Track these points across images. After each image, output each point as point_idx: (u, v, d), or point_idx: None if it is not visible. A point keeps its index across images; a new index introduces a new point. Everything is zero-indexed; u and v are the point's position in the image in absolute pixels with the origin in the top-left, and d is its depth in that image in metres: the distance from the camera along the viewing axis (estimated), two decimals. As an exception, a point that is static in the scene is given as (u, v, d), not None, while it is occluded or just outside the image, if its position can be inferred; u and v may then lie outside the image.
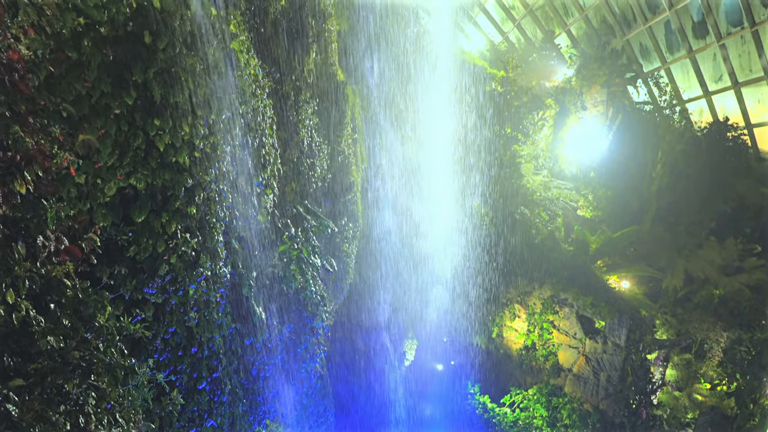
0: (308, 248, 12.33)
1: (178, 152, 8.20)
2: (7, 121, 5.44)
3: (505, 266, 21.38)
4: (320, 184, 14.25)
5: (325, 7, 12.83)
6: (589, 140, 25.69)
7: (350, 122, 15.21)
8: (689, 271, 21.56)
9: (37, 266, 6.28)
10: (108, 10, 7.24)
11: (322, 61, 13.51)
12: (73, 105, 7.00)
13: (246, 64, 9.77)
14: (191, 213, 8.71)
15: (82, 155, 7.30)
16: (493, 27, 30.47)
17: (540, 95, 25.18)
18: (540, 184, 24.04)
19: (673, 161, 23.17)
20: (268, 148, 10.82)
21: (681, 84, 23.70)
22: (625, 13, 23.50)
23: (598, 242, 22.35)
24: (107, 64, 7.30)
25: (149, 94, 7.71)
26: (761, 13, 17.91)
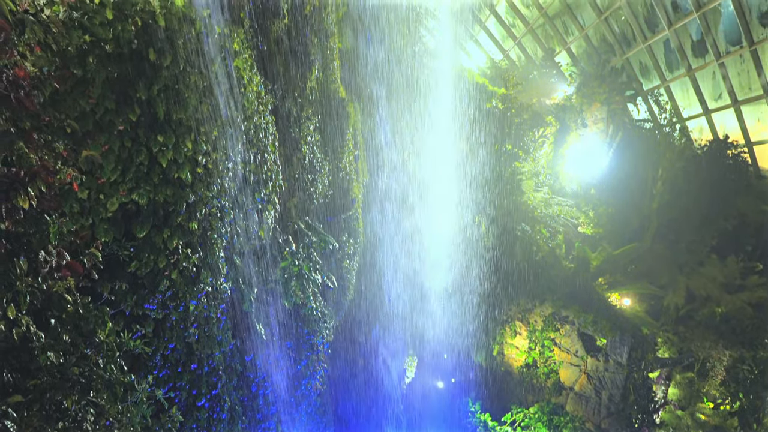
0: (309, 264, 12.33)
1: (181, 168, 8.24)
2: (12, 137, 5.49)
3: (506, 283, 21.33)
4: (321, 201, 14.28)
5: (327, 26, 12.97)
6: (589, 157, 25.77)
7: (351, 139, 15.29)
8: (691, 288, 21.50)
9: (38, 281, 6.29)
10: (113, 28, 7.33)
11: (325, 78, 13.63)
12: (78, 121, 7.06)
13: (249, 81, 9.86)
14: (193, 229, 8.73)
15: (85, 171, 7.35)
16: (494, 45, 30.73)
17: (540, 112, 25.32)
18: (541, 201, 24.07)
19: (674, 178, 23.22)
20: (270, 165, 10.86)
21: (681, 102, 23.84)
22: (624, 32, 23.71)
23: (599, 259, 22.32)
24: (112, 80, 7.37)
25: (153, 110, 7.77)
26: (759, 32, 18.07)
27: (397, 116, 18.37)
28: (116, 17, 7.39)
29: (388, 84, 17.32)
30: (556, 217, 23.51)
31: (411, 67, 18.40)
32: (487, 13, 29.13)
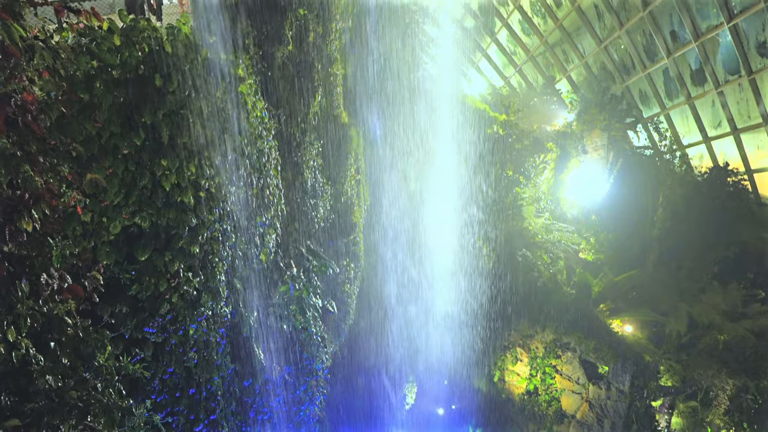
0: (309, 289, 12.31)
1: (184, 192, 8.29)
2: (19, 160, 5.54)
3: (507, 309, 21.23)
4: (323, 225, 14.32)
5: (331, 52, 13.16)
6: (590, 183, 25.87)
7: (353, 163, 15.39)
8: (693, 316, 21.37)
9: (39, 304, 6.29)
10: (121, 54, 7.46)
11: (327, 103, 13.78)
12: (83, 145, 7.14)
13: (253, 106, 9.97)
14: (194, 252, 8.75)
15: (89, 194, 7.40)
16: (495, 71, 31.09)
17: (541, 138, 25.48)
18: (542, 227, 24.09)
19: (674, 205, 23.27)
20: (272, 189, 10.93)
21: (680, 129, 24.01)
22: (624, 61, 24.00)
23: (600, 285, 22.25)
24: (118, 105, 7.47)
25: (157, 135, 7.86)
26: (757, 62, 18.29)
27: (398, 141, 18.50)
28: (124, 43, 7.52)
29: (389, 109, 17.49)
30: (557, 242, 23.50)
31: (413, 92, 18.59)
32: (489, 41, 29.53)
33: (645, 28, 21.45)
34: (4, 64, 5.36)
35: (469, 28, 29.80)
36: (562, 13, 24.17)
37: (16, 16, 5.68)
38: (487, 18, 28.39)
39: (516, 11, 26.16)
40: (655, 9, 20.24)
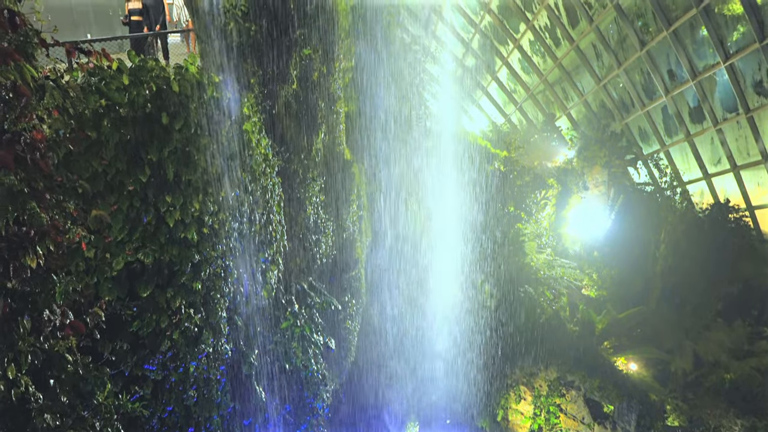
0: (311, 326, 12.23)
1: (187, 228, 8.34)
2: (26, 197, 5.60)
3: (510, 346, 21.02)
4: (325, 261, 14.31)
5: (334, 91, 13.39)
6: (591, 220, 25.92)
7: (356, 200, 15.48)
8: (698, 353, 21.11)
9: (40, 341, 6.26)
10: (129, 93, 7.60)
11: (331, 140, 13.94)
12: (89, 181, 7.21)
13: (257, 144, 10.10)
14: (196, 288, 8.74)
15: (93, 230, 7.43)
16: (496, 109, 31.50)
17: (542, 175, 25.66)
18: (544, 263, 24.03)
19: (676, 242, 23.23)
20: (275, 225, 10.97)
21: (680, 166, 24.17)
22: (623, 99, 24.34)
23: (603, 322, 22.06)
24: (124, 142, 7.58)
25: (163, 171, 7.94)
26: (755, 100, 18.54)
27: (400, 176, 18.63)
28: (132, 83, 7.68)
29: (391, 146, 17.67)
30: (559, 279, 23.41)
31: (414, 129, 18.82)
32: (489, 79, 30.01)
33: (643, 67, 21.82)
34: (15, 103, 5.47)
35: (470, 66, 30.34)
36: (560, 52, 24.64)
37: (29, 57, 5.82)
38: (487, 57, 28.92)
39: (516, 50, 26.67)
40: (652, 49, 20.63)
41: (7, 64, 5.22)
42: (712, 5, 17.45)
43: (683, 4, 18.31)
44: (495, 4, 25.42)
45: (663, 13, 19.06)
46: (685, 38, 19.33)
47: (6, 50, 5.17)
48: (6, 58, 5.16)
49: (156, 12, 17.17)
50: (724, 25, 17.89)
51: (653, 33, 20.21)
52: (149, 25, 17.19)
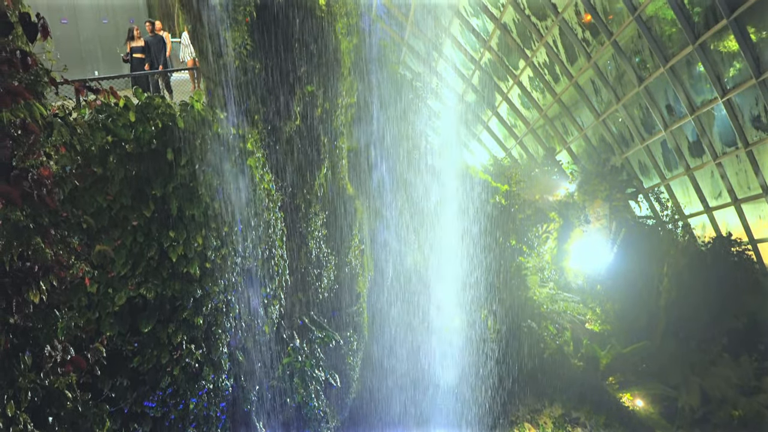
0: (312, 361, 12.12)
1: (190, 263, 8.35)
2: (31, 232, 5.64)
3: (513, 382, 20.73)
4: (326, 295, 14.26)
5: (337, 127, 13.57)
6: (593, 253, 25.87)
7: (358, 234, 15.51)
8: (705, 389, 20.81)
9: (40, 377, 6.21)
10: (135, 129, 7.72)
11: (333, 176, 14.06)
12: (94, 217, 7.27)
13: (260, 179, 10.20)
14: (198, 324, 8.70)
15: (97, 265, 7.45)
16: (496, 143, 31.79)
17: (543, 208, 25.73)
18: (546, 297, 23.89)
19: (679, 275, 23.14)
20: (277, 260, 10.98)
21: (682, 199, 24.25)
22: (622, 133, 24.59)
23: (608, 358, 21.81)
24: (129, 178, 7.67)
25: (167, 207, 8.00)
26: (753, 134, 18.72)
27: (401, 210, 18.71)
28: (138, 119, 7.81)
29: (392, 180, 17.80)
30: (562, 313, 23.24)
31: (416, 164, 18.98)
32: (490, 114, 30.39)
33: (641, 102, 22.11)
34: (24, 140, 5.56)
35: (471, 101, 30.76)
36: (560, 88, 25.00)
37: (39, 96, 5.94)
38: (487, 92, 29.35)
39: (515, 86, 27.08)
40: (650, 84, 20.94)
41: (17, 102, 5.33)
42: (707, 42, 17.78)
43: (679, 41, 18.66)
44: (494, 41, 25.92)
45: (660, 50, 19.42)
46: (683, 74, 19.65)
47: (17, 89, 5.28)
48: (17, 96, 5.27)
49: (157, 50, 17.54)
50: (720, 61, 18.20)
51: (651, 69, 20.55)
52: (151, 63, 17.55)
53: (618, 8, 20.07)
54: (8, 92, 5.22)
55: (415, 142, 18.89)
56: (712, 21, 17.14)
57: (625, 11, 19.43)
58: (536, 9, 23.02)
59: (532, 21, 23.43)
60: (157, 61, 17.52)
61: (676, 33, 18.80)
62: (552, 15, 22.16)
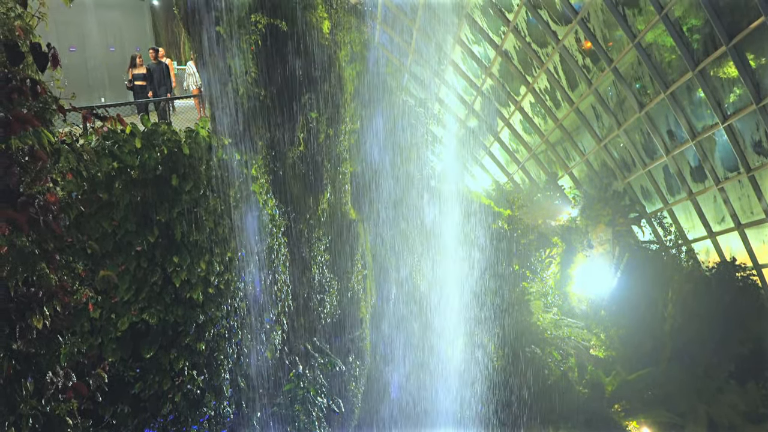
0: (315, 387, 12.01)
1: (193, 288, 8.36)
2: (36, 258, 5.67)
3: (517, 409, 20.47)
4: (329, 320, 14.21)
5: (340, 152, 13.69)
6: (597, 278, 25.77)
7: (360, 259, 15.51)
8: (712, 417, 20.51)
9: (42, 404, 6.18)
10: (141, 156, 7.81)
11: (336, 200, 14.13)
12: (99, 242, 7.30)
13: (264, 204, 10.25)
14: (200, 349, 8.67)
15: (100, 290, 7.46)
16: (499, 168, 31.94)
17: (546, 233, 25.72)
18: (550, 322, 23.73)
19: (684, 301, 22.99)
20: (280, 285, 10.98)
21: (685, 224, 24.22)
22: (624, 158, 24.69)
23: (613, 384, 21.56)
24: (134, 204, 7.72)
25: (171, 232, 8.04)
26: (755, 159, 18.77)
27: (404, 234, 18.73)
28: (144, 146, 7.90)
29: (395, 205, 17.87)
30: (566, 339, 23.05)
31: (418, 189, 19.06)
32: (492, 139, 30.58)
33: (642, 128, 22.25)
34: (31, 167, 5.62)
35: (473, 127, 30.99)
36: (561, 113, 25.20)
37: (47, 123, 6.03)
38: (489, 118, 29.60)
39: (517, 112, 27.31)
40: (651, 110, 21.10)
41: (26, 129, 5.41)
42: (707, 69, 17.97)
43: (679, 68, 18.87)
44: (496, 68, 26.22)
45: (660, 77, 19.62)
46: (683, 100, 19.81)
47: (26, 117, 5.37)
48: (26, 124, 5.35)
49: (160, 77, 17.77)
50: (720, 87, 18.37)
51: (651, 95, 20.73)
52: (153, 90, 17.77)
53: (617, 35, 20.35)
54: (17, 120, 5.30)
55: (418, 167, 19.00)
56: (711, 48, 17.35)
57: (625, 38, 19.70)
58: (537, 36, 23.35)
59: (532, 48, 23.74)
60: (160, 88, 17.75)
61: (675, 60, 19.02)
62: (552, 42, 22.46)
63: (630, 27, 19.38)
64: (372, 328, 17.15)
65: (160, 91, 17.74)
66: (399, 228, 18.11)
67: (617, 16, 19.29)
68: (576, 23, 20.81)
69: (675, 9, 17.61)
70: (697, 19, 17.62)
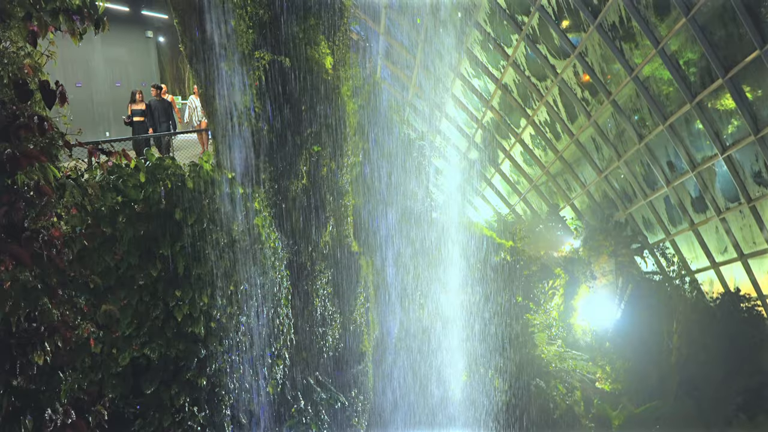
0: (317, 423, 11.83)
1: (195, 322, 8.31)
2: (39, 293, 5.66)
3: (524, 444, 20.10)
4: (331, 354, 14.07)
5: (342, 185, 13.77)
6: (601, 309, 25.57)
7: (363, 291, 15.45)
8: (722, 452, 20.11)
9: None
10: (145, 190, 7.86)
11: (338, 233, 14.14)
12: (101, 276, 7.30)
13: (267, 237, 10.27)
14: (201, 385, 8.57)
15: (102, 325, 7.42)
16: (500, 200, 32.03)
17: (549, 264, 25.62)
18: (555, 355, 23.45)
19: (689, 332, 22.75)
20: (282, 319, 10.91)
21: (687, 255, 24.14)
22: (625, 189, 24.78)
23: (620, 418, 21.18)
24: (138, 238, 7.74)
25: (173, 266, 8.04)
26: (755, 190, 18.82)
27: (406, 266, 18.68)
28: (148, 180, 7.96)
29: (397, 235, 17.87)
30: (571, 371, 22.74)
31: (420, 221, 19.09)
32: (493, 171, 30.75)
33: (642, 159, 22.39)
34: (37, 202, 5.66)
35: (474, 159, 31.19)
36: (561, 145, 25.40)
37: (53, 158, 6.10)
38: (490, 150, 29.83)
39: (518, 144, 27.52)
40: (651, 142, 21.27)
41: (32, 165, 5.46)
42: (705, 101, 18.18)
43: (677, 100, 19.09)
44: (496, 101, 26.55)
45: (658, 109, 19.84)
46: (682, 131, 19.98)
47: (33, 153, 5.43)
48: (32, 159, 5.41)
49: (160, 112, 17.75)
50: (718, 118, 18.55)
51: (650, 127, 20.92)
52: (153, 126, 17.71)
53: (615, 69, 20.66)
54: (24, 155, 5.36)
55: (420, 199, 19.07)
56: (708, 80, 17.59)
57: (623, 72, 19.99)
58: (536, 70, 23.71)
59: (532, 81, 24.08)
60: (161, 124, 17.77)
61: (673, 92, 19.26)
62: (551, 75, 22.79)
63: (627, 60, 19.69)
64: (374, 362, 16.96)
65: (161, 127, 17.78)
66: (402, 260, 18.07)
67: (614, 50, 19.61)
68: (574, 57, 21.16)
69: (671, 43, 17.92)
70: (693, 52, 17.91)
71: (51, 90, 5.57)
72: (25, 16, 5.65)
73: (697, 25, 16.63)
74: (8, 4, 5.64)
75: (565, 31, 21.16)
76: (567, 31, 21.17)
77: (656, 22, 18.12)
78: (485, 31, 23.77)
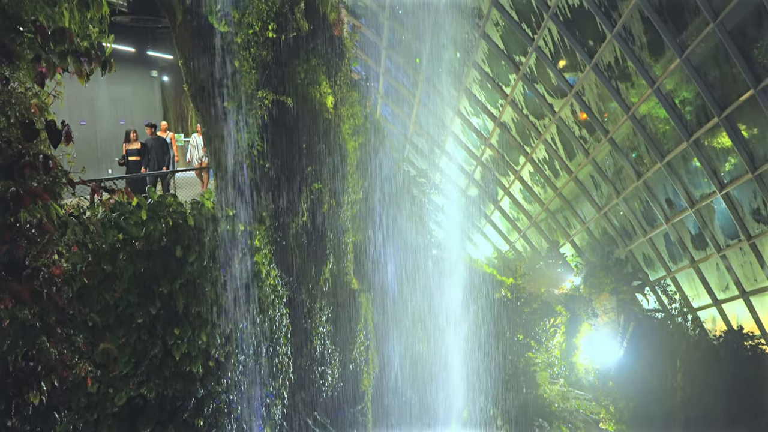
0: (316, 465, 11.58)
1: (193, 361, 8.23)
2: (38, 332, 5.63)
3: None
4: (331, 393, 13.86)
5: (342, 222, 13.81)
6: (603, 347, 25.28)
7: (363, 329, 15.32)
8: (731, 495, 19.58)
9: (34, 485, 5.96)
10: (146, 227, 7.89)
11: (338, 270, 14.12)
12: (100, 314, 7.25)
13: (266, 275, 10.25)
14: (198, 425, 8.43)
15: (99, 364, 7.34)
16: (500, 237, 32.03)
17: (550, 302, 25.46)
18: (557, 394, 23.08)
19: (693, 371, 22.45)
20: (281, 357, 10.80)
21: (689, 292, 24.00)
22: (624, 226, 24.82)
23: (626, 460, 20.72)
24: (138, 275, 7.73)
25: (173, 303, 8.01)
26: (755, 227, 18.85)
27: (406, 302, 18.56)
28: (150, 217, 7.99)
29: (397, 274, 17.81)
30: (575, 412, 22.34)
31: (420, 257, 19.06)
32: (492, 208, 30.86)
33: (641, 196, 22.50)
34: (38, 239, 5.68)
35: (473, 196, 31.35)
36: (560, 182, 25.56)
37: (56, 196, 6.14)
38: (489, 187, 30.00)
39: (517, 181, 27.70)
40: (649, 179, 21.40)
41: (36, 203, 5.50)
42: (701, 139, 18.38)
43: (674, 138, 19.31)
44: (495, 138, 26.84)
45: (655, 147, 20.04)
46: (680, 169, 20.14)
47: (36, 191, 5.47)
48: (36, 198, 5.45)
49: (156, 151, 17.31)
50: (715, 156, 18.73)
51: (648, 164, 21.10)
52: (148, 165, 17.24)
53: (612, 107, 20.97)
54: (28, 194, 5.40)
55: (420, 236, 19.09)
56: (703, 119, 17.83)
57: (620, 110, 20.27)
58: (533, 108, 24.06)
59: (530, 120, 24.40)
60: (157, 163, 17.36)
61: (670, 130, 19.50)
62: (549, 114, 23.10)
63: (624, 99, 20.00)
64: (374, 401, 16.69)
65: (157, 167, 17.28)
66: (401, 297, 17.97)
67: (611, 89, 19.94)
68: (571, 96, 21.49)
69: (666, 82, 18.23)
70: (688, 91, 18.21)
71: (57, 129, 5.65)
72: (34, 57, 5.77)
73: (692, 65, 16.96)
74: (18, 46, 5.76)
75: (561, 70, 21.56)
76: (564, 71, 21.57)
77: (651, 63, 18.48)
78: (484, 70, 24.21)
